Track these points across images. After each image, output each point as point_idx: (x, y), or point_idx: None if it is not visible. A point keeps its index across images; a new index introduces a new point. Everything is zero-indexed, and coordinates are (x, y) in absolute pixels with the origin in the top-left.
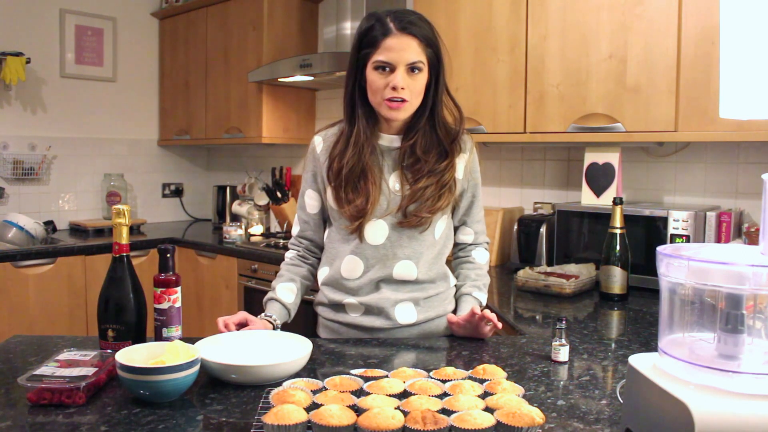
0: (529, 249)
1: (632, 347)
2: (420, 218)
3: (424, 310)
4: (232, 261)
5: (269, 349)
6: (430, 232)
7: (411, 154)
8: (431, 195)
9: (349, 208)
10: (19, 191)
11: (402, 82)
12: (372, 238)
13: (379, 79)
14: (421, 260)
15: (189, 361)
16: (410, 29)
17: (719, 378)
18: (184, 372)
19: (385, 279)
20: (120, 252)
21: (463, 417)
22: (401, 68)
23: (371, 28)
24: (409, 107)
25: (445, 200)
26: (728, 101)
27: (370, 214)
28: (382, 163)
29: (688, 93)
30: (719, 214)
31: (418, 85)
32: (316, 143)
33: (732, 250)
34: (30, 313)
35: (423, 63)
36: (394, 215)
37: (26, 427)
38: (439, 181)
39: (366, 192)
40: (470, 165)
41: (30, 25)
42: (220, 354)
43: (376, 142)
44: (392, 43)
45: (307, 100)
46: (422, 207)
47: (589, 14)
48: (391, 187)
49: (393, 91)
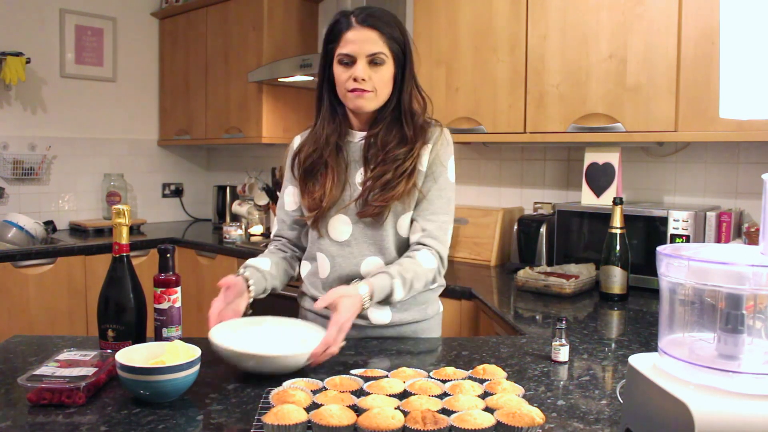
0: (529, 249)
1: (632, 347)
2: (375, 207)
3: (399, 312)
4: (232, 261)
5: (288, 339)
6: (391, 226)
7: (373, 145)
8: (388, 182)
9: (307, 200)
10: (19, 191)
11: (363, 73)
12: (336, 234)
13: (343, 72)
14: (388, 257)
15: (189, 361)
16: (370, 22)
17: (719, 378)
18: (184, 372)
19: (353, 278)
20: (120, 252)
21: (463, 417)
22: (362, 60)
23: (336, 23)
24: (374, 98)
25: (401, 188)
26: (728, 101)
27: (328, 207)
28: (348, 159)
29: (688, 93)
30: (719, 214)
31: (381, 77)
32: (294, 142)
33: (732, 250)
34: (30, 313)
35: (385, 55)
36: (355, 206)
37: (26, 427)
38: (397, 169)
39: (323, 185)
40: (434, 154)
41: (30, 25)
42: (236, 341)
43: (344, 139)
44: (352, 35)
45: (307, 100)
46: (379, 196)
47: (589, 14)
48: (355, 181)
49: (354, 82)
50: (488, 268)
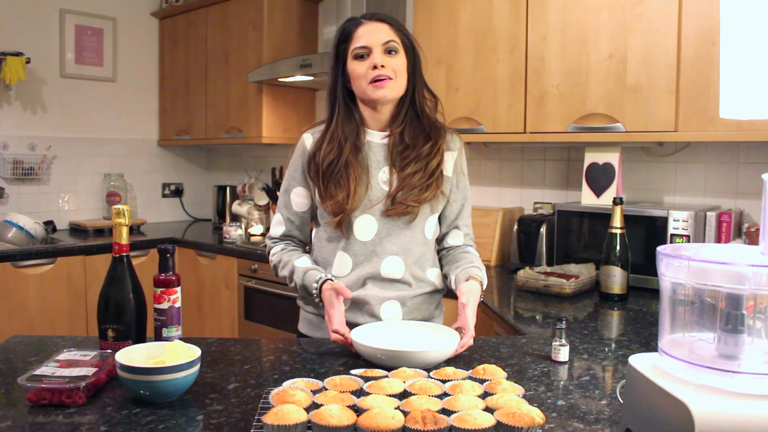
0: (529, 249)
1: (632, 347)
2: (406, 206)
3: (410, 311)
4: (232, 261)
5: (420, 338)
6: (419, 227)
7: (400, 141)
8: (418, 183)
9: (330, 203)
10: (19, 191)
11: (381, 59)
12: (361, 234)
13: (360, 66)
14: (409, 257)
15: (189, 361)
16: (379, 16)
17: (719, 378)
18: (184, 372)
19: (372, 276)
20: (120, 252)
21: (463, 417)
22: (377, 49)
23: (344, 26)
24: (395, 85)
25: (432, 191)
26: (728, 101)
27: (352, 210)
28: (369, 159)
29: (688, 93)
30: (719, 214)
31: (398, 64)
32: (305, 139)
33: (732, 250)
34: (30, 313)
35: (398, 43)
36: (382, 204)
37: (26, 427)
38: (427, 167)
39: (347, 187)
40: (459, 164)
41: (30, 25)
42: (373, 339)
43: (362, 139)
44: (364, 29)
45: (307, 100)
46: (409, 195)
47: (589, 14)
48: (379, 180)
49: (375, 70)
50: (488, 268)
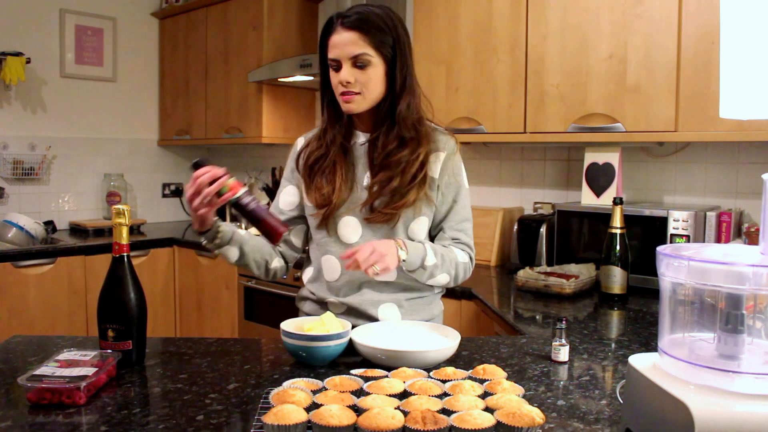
0: (529, 249)
1: (632, 347)
2: (385, 214)
3: (408, 312)
4: None
5: (419, 338)
6: (403, 231)
7: (377, 147)
8: (397, 189)
9: (316, 195)
10: (19, 191)
11: (348, 76)
12: (346, 236)
13: (334, 77)
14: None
15: (341, 332)
16: (351, 23)
17: (719, 378)
18: (337, 341)
19: (366, 280)
20: (120, 252)
21: (463, 417)
22: (346, 63)
23: (324, 27)
24: (362, 100)
25: (413, 195)
26: (728, 101)
27: (338, 204)
28: (356, 161)
29: (688, 93)
30: (719, 214)
31: (368, 78)
32: (298, 142)
33: (732, 250)
34: (30, 313)
35: (369, 55)
36: (362, 211)
37: (26, 427)
38: (405, 173)
39: (333, 182)
40: (449, 166)
41: (30, 25)
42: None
43: (350, 140)
44: (335, 39)
45: (307, 100)
46: (389, 202)
47: (589, 14)
48: (361, 183)
49: (341, 86)
50: (488, 268)
